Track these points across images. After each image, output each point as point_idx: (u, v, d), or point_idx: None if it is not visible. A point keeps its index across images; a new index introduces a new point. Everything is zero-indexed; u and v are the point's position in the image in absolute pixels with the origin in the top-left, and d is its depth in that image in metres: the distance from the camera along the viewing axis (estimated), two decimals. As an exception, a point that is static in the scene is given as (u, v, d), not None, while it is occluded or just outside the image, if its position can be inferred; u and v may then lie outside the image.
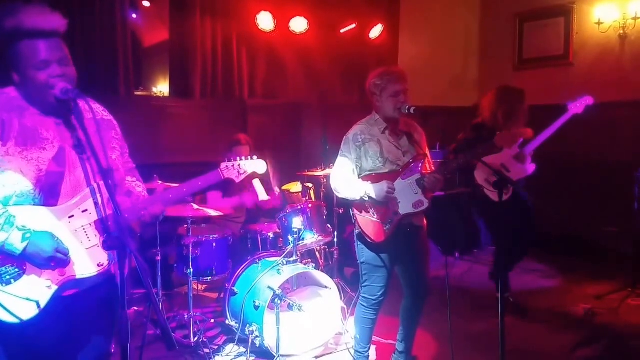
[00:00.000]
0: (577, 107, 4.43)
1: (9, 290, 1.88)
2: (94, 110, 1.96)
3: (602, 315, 4.46)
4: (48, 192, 1.95)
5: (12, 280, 1.89)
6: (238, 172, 2.43)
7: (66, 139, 2.01)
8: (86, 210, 2.00)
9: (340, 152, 3.22)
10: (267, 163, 2.57)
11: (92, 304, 2.08)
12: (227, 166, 2.40)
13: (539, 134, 4.43)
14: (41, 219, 1.94)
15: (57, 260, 1.91)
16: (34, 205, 1.94)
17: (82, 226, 2.00)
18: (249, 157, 2.49)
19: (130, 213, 2.13)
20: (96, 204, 1.97)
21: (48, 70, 1.91)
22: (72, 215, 1.98)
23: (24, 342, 1.94)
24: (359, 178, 3.17)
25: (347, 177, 3.15)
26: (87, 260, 2.00)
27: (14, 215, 1.87)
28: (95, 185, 1.98)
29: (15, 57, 1.92)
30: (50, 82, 1.91)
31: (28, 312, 1.89)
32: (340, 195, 3.19)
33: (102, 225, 2.02)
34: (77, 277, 1.98)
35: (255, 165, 2.50)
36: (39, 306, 1.90)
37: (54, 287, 1.94)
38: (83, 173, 2.02)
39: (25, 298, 1.89)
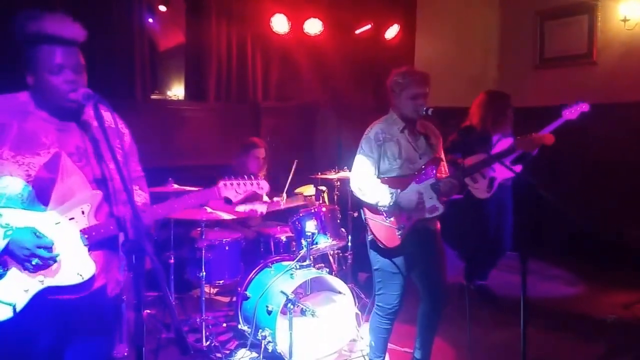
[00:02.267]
0: (571, 113, 4.27)
1: None
2: (103, 119, 1.97)
3: (630, 325, 4.31)
4: (37, 198, 1.96)
5: None
6: (236, 191, 2.35)
7: (65, 145, 2.03)
8: (73, 218, 2.01)
9: (360, 151, 3.14)
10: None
11: (78, 312, 2.06)
12: (225, 184, 2.33)
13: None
14: (27, 224, 1.93)
15: (40, 257, 1.89)
16: (22, 209, 1.95)
17: (68, 234, 1.99)
18: (252, 177, 2.40)
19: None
20: (107, 199, 1.96)
21: (62, 75, 1.96)
22: (59, 222, 1.98)
23: (11, 346, 1.94)
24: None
25: (373, 180, 3.07)
26: (70, 268, 1.99)
27: (0, 214, 1.89)
28: (95, 193, 2.00)
29: (32, 60, 1.97)
30: (63, 87, 1.96)
31: (4, 313, 1.88)
32: (364, 199, 3.10)
33: (89, 234, 2.02)
34: (57, 284, 1.97)
35: (257, 186, 2.40)
36: (14, 310, 1.89)
37: (32, 292, 1.93)
38: (78, 180, 2.03)
39: (1, 301, 1.88)
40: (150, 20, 5.25)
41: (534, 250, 5.83)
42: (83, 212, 2.02)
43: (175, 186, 4.07)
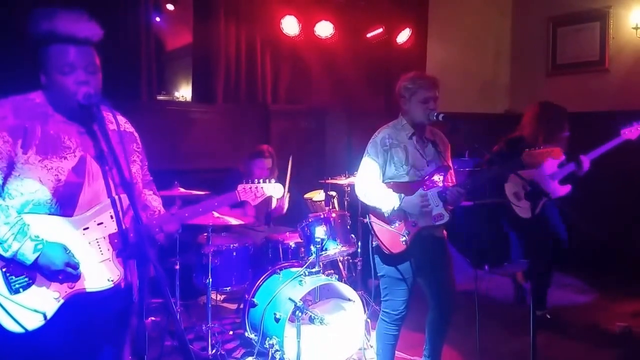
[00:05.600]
0: (630, 132, 4.19)
1: (17, 299, 1.88)
2: (118, 122, 1.98)
3: (639, 335, 4.27)
4: (65, 203, 1.95)
5: (21, 290, 1.89)
6: (255, 195, 2.49)
7: (88, 148, 2.02)
8: (101, 223, 2.01)
9: (366, 154, 3.14)
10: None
11: (105, 317, 2.06)
12: (244, 188, 2.47)
13: (585, 153, 4.26)
14: (55, 230, 1.93)
15: (66, 274, 1.90)
16: (49, 214, 1.93)
17: (96, 239, 2.01)
18: (267, 180, 2.53)
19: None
20: (116, 216, 1.98)
21: (73, 76, 1.92)
22: (87, 227, 1.99)
23: (33, 352, 1.92)
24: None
25: (378, 184, 3.08)
26: (98, 274, 2.00)
27: (28, 225, 1.87)
28: (116, 198, 1.98)
29: (44, 59, 1.94)
30: (73, 88, 1.92)
31: (34, 322, 1.89)
32: (368, 203, 3.11)
33: (118, 239, 2.02)
34: (87, 290, 1.97)
35: (273, 189, 2.54)
36: (45, 317, 1.90)
37: (62, 300, 1.93)
38: (103, 184, 2.02)
39: (32, 309, 1.88)
40: (158, 19, 5.18)
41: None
42: (112, 217, 2.02)
43: (182, 190, 4.01)
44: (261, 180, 2.51)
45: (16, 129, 1.90)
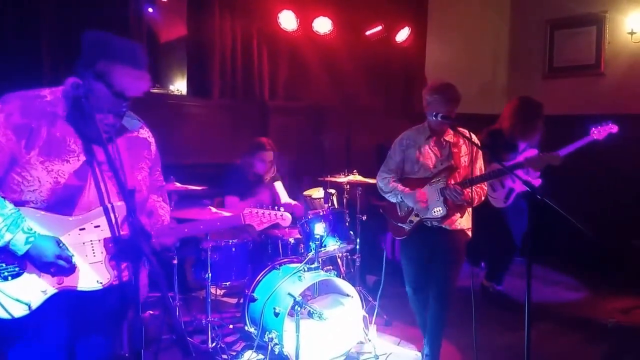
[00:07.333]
0: (599, 133, 4.27)
1: (4, 287, 1.89)
2: (132, 128, 2.04)
3: (628, 330, 4.39)
4: (63, 203, 1.96)
5: (10, 278, 1.90)
6: (261, 220, 2.47)
7: (94, 153, 2.01)
8: (98, 226, 2.02)
9: (388, 153, 3.53)
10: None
11: (96, 313, 2.06)
12: (250, 212, 2.46)
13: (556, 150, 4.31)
14: (50, 226, 1.94)
15: (58, 267, 1.90)
16: (47, 211, 1.94)
17: (91, 240, 2.01)
18: (276, 208, 2.55)
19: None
20: (109, 223, 1.98)
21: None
22: (84, 228, 1.99)
23: (20, 340, 1.95)
24: (400, 180, 3.46)
25: (388, 180, 3.46)
26: (88, 274, 2.00)
27: (24, 218, 1.88)
28: (109, 206, 1.98)
29: (86, 89, 1.91)
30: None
31: (19, 310, 1.90)
32: (382, 194, 3.50)
33: (112, 244, 2.02)
34: (75, 288, 1.98)
35: (281, 218, 2.53)
36: (30, 308, 1.90)
37: (49, 293, 1.93)
38: (103, 189, 2.02)
39: (16, 299, 1.89)
40: (150, 10, 5.03)
41: (539, 256, 5.85)
42: (109, 222, 2.01)
43: (177, 185, 3.99)
44: (270, 207, 2.52)
45: (21, 128, 1.89)
